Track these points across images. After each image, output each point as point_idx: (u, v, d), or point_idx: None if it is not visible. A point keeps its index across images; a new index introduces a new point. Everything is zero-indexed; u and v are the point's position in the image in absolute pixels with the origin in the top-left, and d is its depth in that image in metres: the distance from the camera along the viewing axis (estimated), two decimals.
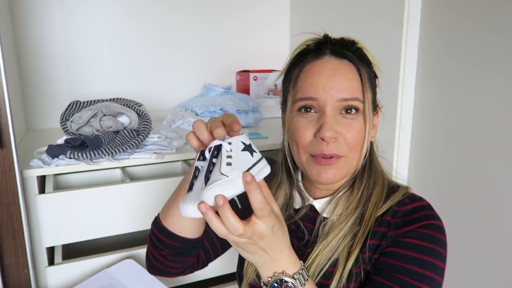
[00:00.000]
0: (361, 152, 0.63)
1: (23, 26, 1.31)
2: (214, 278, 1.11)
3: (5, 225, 0.84)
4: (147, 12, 1.47)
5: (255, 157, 0.54)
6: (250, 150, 0.54)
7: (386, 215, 0.63)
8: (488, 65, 0.93)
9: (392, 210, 0.63)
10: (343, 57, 0.63)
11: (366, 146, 0.63)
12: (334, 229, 0.64)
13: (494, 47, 0.91)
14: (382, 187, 0.65)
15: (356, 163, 0.64)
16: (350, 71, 0.62)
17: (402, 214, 0.62)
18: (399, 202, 0.63)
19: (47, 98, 1.37)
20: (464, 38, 0.98)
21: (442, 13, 1.04)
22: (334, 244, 0.62)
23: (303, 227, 0.69)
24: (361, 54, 0.64)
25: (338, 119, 0.61)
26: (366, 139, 0.63)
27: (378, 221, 0.63)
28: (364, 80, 0.62)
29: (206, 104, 1.38)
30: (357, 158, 0.63)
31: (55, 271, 0.93)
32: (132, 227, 0.99)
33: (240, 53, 1.66)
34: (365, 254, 0.61)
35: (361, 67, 0.63)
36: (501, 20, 0.89)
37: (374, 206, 0.63)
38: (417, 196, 0.65)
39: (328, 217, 0.66)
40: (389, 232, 0.61)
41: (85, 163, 0.94)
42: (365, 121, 0.62)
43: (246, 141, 0.55)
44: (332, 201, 0.67)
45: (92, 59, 1.42)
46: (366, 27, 1.25)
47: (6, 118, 0.79)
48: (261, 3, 1.65)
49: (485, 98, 0.94)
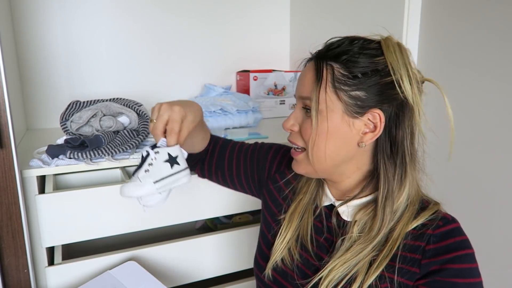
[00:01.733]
0: (321, 151, 0.64)
1: (23, 26, 1.31)
2: (214, 278, 1.11)
3: (5, 225, 0.84)
4: (147, 12, 1.47)
5: (174, 169, 0.65)
6: (172, 162, 0.64)
7: (418, 240, 0.61)
8: (488, 65, 0.93)
9: (425, 235, 0.61)
10: (315, 58, 0.66)
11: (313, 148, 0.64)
12: (355, 246, 0.63)
13: (494, 47, 0.91)
14: (414, 206, 0.64)
15: (317, 161, 0.65)
16: (310, 70, 0.65)
17: (436, 239, 0.61)
18: (431, 224, 0.62)
19: (47, 98, 1.37)
20: (464, 38, 0.98)
21: (442, 13, 1.04)
22: (352, 263, 0.63)
23: (325, 224, 0.71)
24: (341, 52, 0.62)
25: (302, 114, 0.67)
26: (311, 140, 0.64)
27: (407, 245, 0.62)
28: (323, 80, 0.62)
29: (206, 104, 1.38)
30: (317, 155, 0.65)
31: (55, 271, 0.93)
32: (132, 227, 0.99)
33: (240, 53, 1.66)
34: (393, 275, 0.61)
35: (325, 65, 0.62)
36: (501, 20, 0.89)
37: (404, 226, 0.62)
38: (450, 216, 0.64)
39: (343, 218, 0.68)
40: (423, 260, 0.60)
41: (85, 163, 0.94)
42: (316, 120, 0.63)
43: (173, 154, 0.64)
44: (350, 204, 0.67)
45: (92, 59, 1.42)
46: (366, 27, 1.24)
47: (6, 118, 0.79)
48: (261, 3, 1.65)
49: (484, 98, 0.94)
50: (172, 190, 0.70)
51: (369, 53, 0.62)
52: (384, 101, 0.61)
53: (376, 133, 0.62)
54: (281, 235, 0.74)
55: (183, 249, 1.04)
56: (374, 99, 0.61)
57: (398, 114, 0.62)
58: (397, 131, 0.62)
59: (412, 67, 0.62)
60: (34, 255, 0.92)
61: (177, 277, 1.05)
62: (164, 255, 1.03)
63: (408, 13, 1.09)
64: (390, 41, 0.62)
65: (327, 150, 0.64)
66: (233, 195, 1.08)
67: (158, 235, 1.24)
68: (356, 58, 0.61)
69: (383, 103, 0.61)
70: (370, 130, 0.63)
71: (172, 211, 1.02)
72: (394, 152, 0.63)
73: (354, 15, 1.31)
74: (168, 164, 0.64)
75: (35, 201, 0.89)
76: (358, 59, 0.61)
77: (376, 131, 0.62)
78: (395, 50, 0.61)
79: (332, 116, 0.62)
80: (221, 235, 1.09)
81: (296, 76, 1.63)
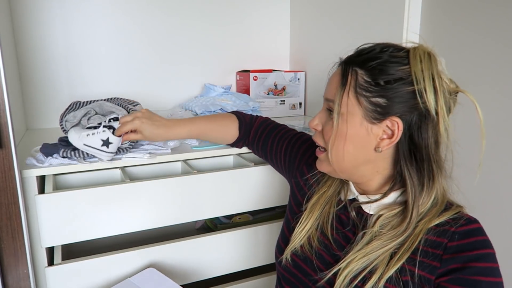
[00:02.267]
0: (340, 153, 0.66)
1: (23, 26, 1.31)
2: (214, 278, 1.11)
3: (5, 225, 0.84)
4: (147, 12, 1.47)
5: (102, 148, 0.89)
6: (104, 143, 0.89)
7: (440, 236, 0.63)
8: (488, 67, 0.93)
9: (448, 232, 0.62)
10: (343, 62, 0.67)
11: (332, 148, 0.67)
12: (376, 241, 0.65)
13: (493, 48, 0.91)
14: (439, 207, 0.65)
15: (336, 162, 0.68)
16: (337, 75, 0.67)
17: (459, 237, 0.62)
18: (454, 222, 0.63)
19: (47, 98, 1.37)
20: (464, 38, 0.98)
21: (442, 14, 1.04)
22: (372, 257, 0.64)
23: (348, 216, 0.73)
24: (368, 58, 0.64)
25: (326, 115, 0.70)
26: (331, 141, 0.66)
27: (429, 240, 0.63)
28: (347, 84, 0.64)
29: (206, 104, 1.38)
30: (335, 156, 0.67)
31: (55, 271, 0.93)
32: (132, 227, 0.99)
33: (240, 53, 1.66)
34: (414, 268, 0.62)
35: (352, 72, 0.64)
36: (500, 22, 0.89)
37: (427, 223, 0.63)
38: (472, 217, 0.64)
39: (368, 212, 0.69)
40: (444, 256, 0.61)
41: (78, 162, 0.94)
42: (337, 123, 0.65)
43: (111, 140, 0.90)
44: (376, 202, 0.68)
45: (92, 59, 1.42)
46: (366, 27, 1.25)
47: (6, 118, 0.79)
48: (262, 4, 1.65)
49: (484, 98, 0.94)
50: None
51: (396, 61, 0.62)
52: (404, 109, 0.62)
53: (393, 140, 0.63)
54: (301, 223, 0.76)
55: (183, 249, 1.04)
56: (394, 107, 0.62)
57: (420, 123, 0.62)
58: (420, 139, 0.63)
59: (441, 77, 0.62)
60: (34, 255, 0.92)
61: (177, 277, 1.05)
62: (164, 255, 1.03)
63: (408, 15, 1.09)
64: (419, 50, 0.63)
65: (345, 152, 0.66)
66: (233, 195, 1.08)
67: (158, 235, 1.24)
68: (382, 66, 0.62)
69: (404, 112, 0.62)
70: (388, 137, 0.64)
71: (172, 211, 1.02)
72: (419, 158, 0.63)
73: (354, 16, 1.31)
74: (101, 142, 0.89)
75: (35, 201, 0.89)
76: (384, 67, 0.62)
77: (393, 138, 0.63)
78: (422, 59, 0.61)
79: (352, 120, 0.64)
80: (221, 235, 1.09)
81: (296, 76, 1.63)
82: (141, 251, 1.00)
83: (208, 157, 1.11)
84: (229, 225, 1.32)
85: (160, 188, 0.99)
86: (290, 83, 1.62)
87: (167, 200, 1.00)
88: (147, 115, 0.92)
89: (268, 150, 0.96)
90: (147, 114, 0.92)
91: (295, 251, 0.77)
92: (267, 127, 0.99)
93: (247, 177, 1.08)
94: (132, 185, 0.96)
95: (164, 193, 1.00)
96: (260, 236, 1.13)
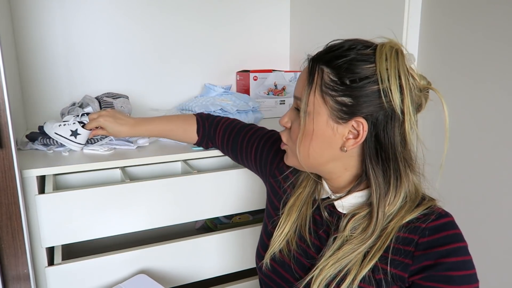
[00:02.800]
0: (304, 150, 0.67)
1: (23, 26, 1.31)
2: (214, 278, 1.11)
3: (5, 225, 0.84)
4: (147, 12, 1.47)
5: (70, 138, 1.01)
6: (73, 133, 1.01)
7: (411, 233, 0.62)
8: (487, 67, 0.93)
9: (419, 228, 0.62)
10: (311, 60, 0.67)
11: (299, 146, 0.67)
12: (347, 245, 0.64)
13: (494, 47, 0.91)
14: (411, 204, 0.64)
15: (302, 158, 0.68)
16: (305, 72, 0.67)
17: (429, 232, 0.61)
18: (425, 218, 0.62)
19: (47, 98, 1.37)
20: (463, 40, 0.98)
21: (442, 14, 1.04)
22: (344, 262, 0.64)
23: (323, 217, 0.72)
24: (335, 56, 0.62)
25: (295, 114, 0.69)
26: (298, 139, 0.66)
27: (400, 237, 0.62)
28: (315, 83, 0.63)
29: (206, 104, 1.37)
30: (301, 153, 0.68)
31: (55, 271, 0.93)
32: (132, 227, 0.99)
33: (240, 53, 1.66)
34: (386, 266, 0.62)
35: (318, 68, 0.64)
36: (500, 21, 0.89)
37: (399, 220, 0.63)
38: (443, 211, 0.64)
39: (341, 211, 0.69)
40: (416, 252, 0.61)
41: (47, 150, 1.04)
42: (300, 121, 0.66)
43: (79, 131, 1.01)
44: (346, 199, 0.68)
45: (92, 59, 1.42)
46: (366, 27, 1.25)
47: (6, 118, 0.79)
48: (262, 4, 1.65)
49: (484, 98, 0.94)
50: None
51: (363, 59, 0.61)
52: (370, 109, 0.60)
53: (358, 141, 0.63)
54: (279, 227, 0.75)
55: (183, 249, 1.04)
56: (360, 107, 0.60)
57: (385, 122, 0.61)
58: (386, 138, 0.62)
59: (409, 75, 0.60)
60: (34, 255, 0.92)
61: (177, 277, 1.05)
62: (164, 255, 1.03)
63: (408, 15, 1.09)
64: (386, 47, 0.61)
65: (310, 149, 0.66)
66: (233, 195, 1.08)
67: (158, 235, 1.24)
68: (348, 65, 0.61)
69: (370, 111, 0.60)
70: (353, 137, 0.63)
71: (172, 211, 1.02)
72: (385, 157, 0.62)
73: (354, 16, 1.31)
74: (70, 132, 1.01)
75: (35, 201, 0.89)
76: (350, 66, 0.61)
77: (358, 139, 0.62)
78: (389, 56, 0.59)
79: (318, 119, 0.64)
80: (221, 235, 1.09)
81: (296, 76, 1.63)
82: (141, 251, 1.00)
83: (208, 157, 1.11)
84: (229, 225, 1.32)
85: (160, 188, 0.99)
86: (290, 83, 1.62)
87: (167, 200, 1.00)
88: (111, 113, 0.99)
89: (238, 153, 0.95)
90: (111, 113, 0.99)
91: (273, 257, 0.76)
92: (234, 128, 0.96)
93: (247, 177, 1.08)
94: (132, 185, 0.96)
95: (164, 193, 1.00)
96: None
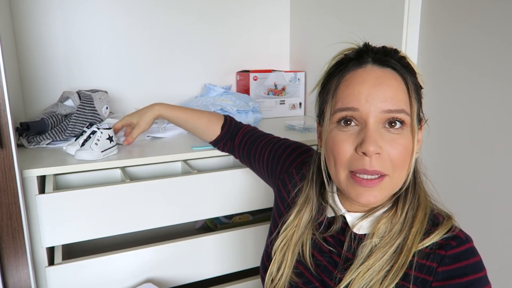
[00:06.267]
0: (407, 171, 0.59)
1: (23, 26, 1.31)
2: (214, 278, 1.11)
3: (5, 225, 0.84)
4: (148, 12, 1.47)
5: (111, 144, 1.03)
6: (111, 140, 1.02)
7: (431, 259, 0.58)
8: (487, 66, 0.93)
9: (438, 255, 0.58)
10: (387, 65, 0.58)
11: (412, 164, 0.59)
12: (376, 252, 0.60)
13: (493, 47, 0.91)
14: (425, 211, 0.61)
15: (401, 183, 0.59)
16: (395, 79, 0.57)
17: (449, 261, 0.57)
18: (446, 244, 0.58)
19: (47, 98, 1.37)
20: (463, 38, 0.98)
21: (442, 14, 1.04)
22: (376, 269, 0.59)
23: (333, 239, 0.67)
24: (405, 63, 0.60)
25: (382, 133, 0.56)
26: (413, 156, 0.58)
27: (419, 263, 0.58)
28: (410, 90, 0.58)
29: (206, 104, 1.38)
30: (402, 177, 0.59)
31: (55, 271, 0.93)
32: (132, 227, 0.99)
33: (240, 53, 1.66)
34: (409, 284, 0.58)
35: (406, 76, 0.58)
36: (500, 21, 0.89)
37: (416, 235, 0.59)
38: (463, 235, 0.59)
39: (357, 233, 0.63)
40: (434, 283, 0.57)
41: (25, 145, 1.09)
42: (412, 136, 0.57)
43: (111, 134, 1.03)
44: (368, 218, 0.63)
45: (92, 59, 1.42)
46: (366, 27, 1.25)
47: (6, 118, 0.79)
48: (261, 3, 1.65)
49: (484, 98, 0.94)
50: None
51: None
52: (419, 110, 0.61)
53: (420, 145, 0.61)
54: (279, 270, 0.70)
55: (183, 249, 1.04)
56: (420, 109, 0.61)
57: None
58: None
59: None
60: (34, 255, 0.92)
61: (177, 277, 1.05)
62: (164, 255, 1.03)
63: (408, 14, 1.09)
64: (403, 52, 0.63)
65: (411, 168, 0.59)
66: (233, 195, 1.08)
67: (158, 235, 1.24)
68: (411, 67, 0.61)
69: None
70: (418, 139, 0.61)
71: (172, 211, 1.02)
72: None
73: (354, 16, 1.31)
74: (108, 141, 1.02)
75: (35, 201, 0.89)
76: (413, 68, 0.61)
77: (421, 142, 0.61)
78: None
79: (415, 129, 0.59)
80: (221, 235, 1.09)
81: (296, 76, 1.63)
82: (141, 251, 1.00)
83: (208, 157, 1.11)
84: (229, 225, 1.32)
85: (160, 188, 0.99)
86: (290, 83, 1.62)
87: (167, 200, 1.00)
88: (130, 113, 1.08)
89: (252, 157, 0.93)
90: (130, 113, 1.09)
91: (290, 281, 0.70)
92: (254, 134, 0.96)
93: (247, 177, 1.08)
94: (132, 185, 0.96)
95: (164, 193, 1.00)
96: (260, 236, 1.13)
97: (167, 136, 1.26)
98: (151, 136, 1.24)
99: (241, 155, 0.97)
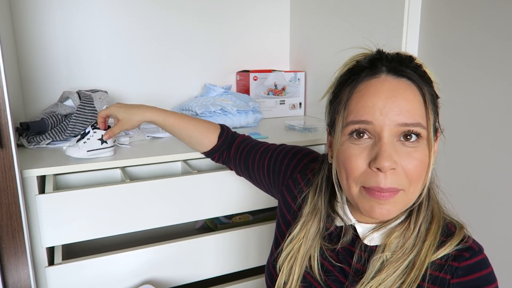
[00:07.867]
0: (422, 185, 0.57)
1: (23, 26, 1.31)
2: (215, 278, 1.11)
3: (5, 225, 0.84)
4: (148, 12, 1.47)
5: (103, 145, 1.00)
6: (102, 141, 0.99)
7: (444, 271, 0.57)
8: (488, 65, 0.93)
9: (451, 267, 0.57)
10: (402, 75, 0.56)
11: (429, 177, 0.57)
12: (388, 266, 0.58)
13: (493, 47, 0.91)
14: (438, 224, 0.60)
15: (415, 197, 0.58)
16: (411, 91, 0.55)
17: (462, 273, 0.56)
18: (458, 256, 0.57)
19: (47, 98, 1.36)
20: (464, 38, 0.98)
21: (442, 13, 1.04)
22: (388, 284, 0.57)
23: (343, 249, 0.66)
24: (421, 72, 0.57)
25: (396, 147, 0.54)
26: (429, 170, 0.56)
27: (432, 276, 0.57)
28: (427, 102, 0.55)
29: (206, 104, 1.38)
30: (417, 191, 0.57)
31: (55, 271, 0.93)
32: (132, 227, 0.99)
33: (240, 53, 1.66)
34: None
35: (423, 86, 0.56)
36: (500, 21, 0.89)
37: (429, 248, 0.58)
38: (476, 246, 0.59)
39: (368, 244, 0.62)
40: None
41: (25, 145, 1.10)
42: (429, 150, 0.55)
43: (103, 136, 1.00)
44: (380, 231, 0.61)
45: (92, 59, 1.42)
46: (366, 27, 1.25)
47: (6, 118, 0.79)
48: (261, 3, 1.65)
49: (484, 98, 0.94)
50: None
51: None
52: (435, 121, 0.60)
53: (436, 156, 0.58)
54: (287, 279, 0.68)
55: (183, 249, 1.04)
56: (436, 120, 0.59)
57: None
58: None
59: None
60: (34, 255, 0.92)
61: (177, 277, 1.05)
62: (164, 255, 1.03)
63: (408, 15, 1.09)
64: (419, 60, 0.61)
65: (427, 181, 0.57)
66: (233, 195, 1.08)
67: (158, 235, 1.24)
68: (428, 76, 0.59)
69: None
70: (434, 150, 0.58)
71: (172, 211, 1.02)
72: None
73: (354, 16, 1.31)
74: (100, 142, 0.99)
75: (35, 201, 0.89)
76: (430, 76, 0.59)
77: (436, 153, 0.58)
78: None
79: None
80: (221, 235, 1.09)
81: (296, 76, 1.63)
82: (141, 251, 1.00)
83: None
84: (229, 225, 1.32)
85: (160, 188, 0.99)
86: (290, 83, 1.62)
87: (167, 200, 1.00)
88: (119, 103, 0.96)
89: (250, 166, 0.90)
90: (119, 103, 0.97)
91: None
92: (250, 143, 0.93)
93: None
94: (132, 185, 0.96)
95: (164, 193, 1.00)
96: (260, 236, 1.13)
97: (167, 136, 1.26)
98: (151, 136, 1.24)
99: (237, 164, 0.93)
